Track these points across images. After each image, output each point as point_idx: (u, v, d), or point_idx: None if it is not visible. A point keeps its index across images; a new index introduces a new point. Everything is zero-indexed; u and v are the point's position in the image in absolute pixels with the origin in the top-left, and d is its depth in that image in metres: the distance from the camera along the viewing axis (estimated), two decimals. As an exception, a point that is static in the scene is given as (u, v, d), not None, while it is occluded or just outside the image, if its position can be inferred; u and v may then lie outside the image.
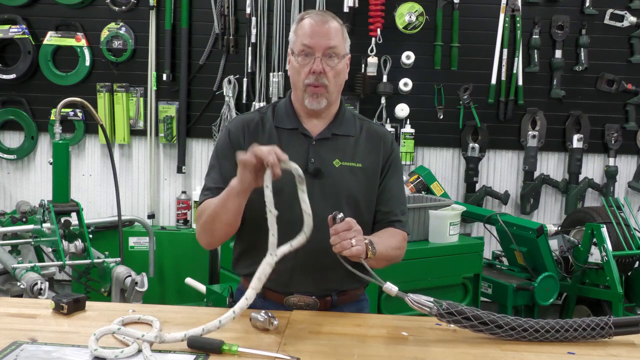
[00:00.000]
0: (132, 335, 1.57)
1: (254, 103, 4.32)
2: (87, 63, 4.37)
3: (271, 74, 4.31)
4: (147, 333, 1.57)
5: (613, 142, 4.32)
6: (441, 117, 4.35)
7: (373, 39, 4.23)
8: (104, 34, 4.33)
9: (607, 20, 4.27)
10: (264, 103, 4.30)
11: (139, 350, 1.53)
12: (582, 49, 4.27)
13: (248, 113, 2.10)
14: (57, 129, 3.27)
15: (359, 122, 2.06)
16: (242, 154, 1.69)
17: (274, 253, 1.66)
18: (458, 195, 4.44)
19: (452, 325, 1.68)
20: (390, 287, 1.67)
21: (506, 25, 4.26)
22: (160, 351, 1.56)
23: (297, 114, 2.00)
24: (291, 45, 1.99)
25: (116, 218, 3.47)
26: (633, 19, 4.24)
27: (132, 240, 4.26)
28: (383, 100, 4.30)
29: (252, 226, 1.96)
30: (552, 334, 1.68)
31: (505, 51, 4.28)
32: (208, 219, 1.89)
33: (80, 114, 4.40)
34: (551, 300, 3.51)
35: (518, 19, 4.25)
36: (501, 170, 4.46)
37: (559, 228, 3.81)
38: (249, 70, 4.32)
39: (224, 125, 4.28)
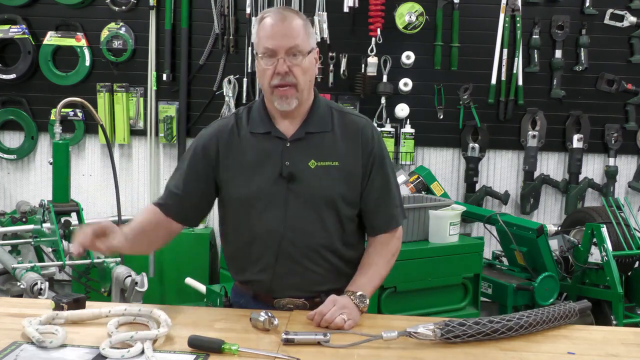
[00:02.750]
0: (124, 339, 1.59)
1: (254, 103, 4.31)
2: (87, 63, 4.36)
3: (271, 74, 4.30)
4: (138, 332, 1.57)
5: (613, 142, 4.32)
6: (441, 117, 4.35)
7: (373, 39, 4.22)
8: (104, 34, 4.33)
9: (607, 20, 4.27)
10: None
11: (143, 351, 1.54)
12: (582, 49, 4.26)
13: (223, 118, 2.04)
14: (57, 129, 3.27)
15: (336, 114, 1.97)
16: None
17: None
18: (458, 195, 4.44)
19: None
20: (390, 335, 1.64)
21: (506, 25, 4.26)
22: (161, 351, 1.56)
23: (271, 116, 1.94)
24: (255, 48, 1.93)
25: (116, 218, 3.47)
26: (633, 19, 4.23)
27: (132, 240, 4.25)
28: (383, 100, 4.29)
29: (235, 236, 1.98)
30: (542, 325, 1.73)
31: (505, 51, 4.28)
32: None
33: (80, 114, 4.40)
34: (551, 300, 3.51)
35: (518, 19, 4.25)
36: (501, 170, 4.46)
37: (559, 228, 3.80)
38: (249, 70, 4.31)
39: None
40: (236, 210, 1.95)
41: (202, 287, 3.76)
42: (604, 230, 3.44)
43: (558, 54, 4.28)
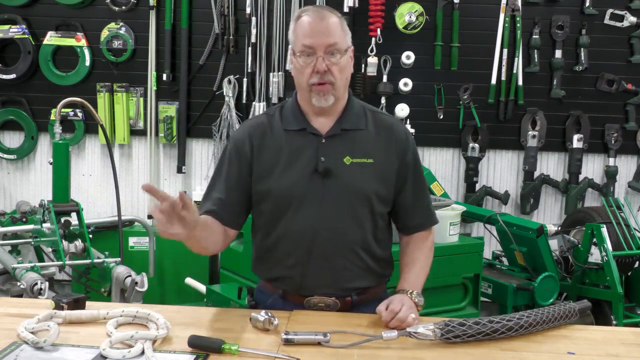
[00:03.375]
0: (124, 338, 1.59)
1: (253, 103, 4.32)
2: (87, 63, 4.36)
3: (271, 74, 4.31)
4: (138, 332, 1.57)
5: (613, 142, 4.32)
6: (441, 117, 4.35)
7: (373, 39, 4.22)
8: (104, 34, 4.33)
9: (607, 20, 4.27)
10: (264, 103, 4.31)
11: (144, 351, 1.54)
12: (582, 49, 4.26)
13: (255, 117, 2.07)
14: (57, 129, 3.27)
15: (369, 113, 2.01)
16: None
17: None
18: (458, 195, 4.44)
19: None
20: (390, 335, 1.64)
21: (506, 25, 4.26)
22: (161, 351, 1.56)
23: (305, 113, 1.97)
24: (292, 45, 1.96)
25: (116, 218, 3.47)
26: (633, 19, 4.23)
27: (132, 240, 4.25)
28: (383, 100, 4.29)
29: (267, 232, 1.97)
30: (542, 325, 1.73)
31: (505, 51, 4.28)
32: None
33: (80, 114, 4.40)
34: (551, 301, 3.51)
35: (518, 19, 4.25)
36: (501, 170, 4.46)
37: (559, 228, 3.80)
38: (249, 70, 4.31)
39: (223, 126, 4.29)
40: (270, 206, 1.94)
41: (202, 287, 3.76)
42: (604, 230, 3.44)
43: (558, 54, 4.28)
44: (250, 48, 4.28)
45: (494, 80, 4.30)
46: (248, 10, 4.24)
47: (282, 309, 1.91)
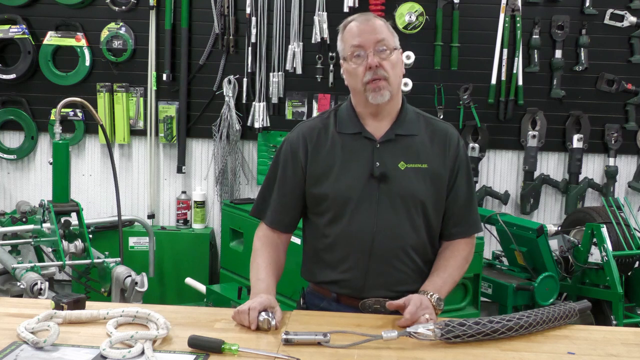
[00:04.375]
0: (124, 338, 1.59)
1: (253, 103, 4.32)
2: (87, 63, 4.36)
3: (271, 74, 4.31)
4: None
5: (613, 142, 4.32)
6: (441, 117, 4.34)
7: (373, 39, 4.22)
8: (104, 34, 4.33)
9: (607, 20, 4.26)
10: (264, 103, 4.31)
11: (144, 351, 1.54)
12: (582, 49, 4.26)
13: (308, 120, 2.08)
14: (57, 129, 3.27)
15: (423, 119, 2.04)
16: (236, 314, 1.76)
17: None
18: (458, 195, 4.43)
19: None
20: (390, 335, 1.64)
21: (506, 25, 4.26)
22: (161, 351, 1.56)
23: (360, 117, 1.97)
24: (341, 54, 1.98)
25: (116, 218, 3.47)
26: (633, 19, 4.23)
27: (132, 240, 4.25)
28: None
29: (318, 237, 1.99)
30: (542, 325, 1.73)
31: (505, 51, 4.27)
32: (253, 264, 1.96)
33: (80, 114, 4.40)
34: (551, 301, 3.51)
35: (518, 19, 4.25)
36: (501, 170, 4.46)
37: (559, 228, 3.80)
38: (249, 70, 4.31)
39: (223, 126, 4.29)
40: (326, 210, 1.95)
41: (202, 287, 3.77)
42: (604, 230, 3.44)
43: (558, 54, 4.28)
44: (250, 48, 4.28)
45: (494, 80, 4.30)
46: (248, 10, 4.24)
47: (335, 311, 1.93)
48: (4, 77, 4.36)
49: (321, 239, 1.98)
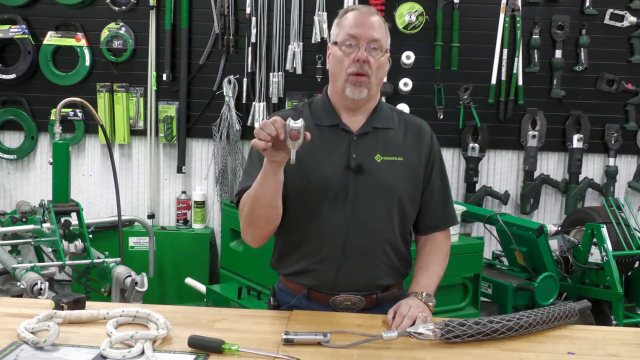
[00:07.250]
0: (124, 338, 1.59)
1: (253, 103, 4.32)
2: (87, 63, 4.36)
3: (271, 74, 4.31)
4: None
5: (613, 142, 4.32)
6: (441, 117, 4.35)
7: (373, 39, 4.22)
8: (104, 34, 4.33)
9: (607, 20, 4.26)
10: (264, 103, 4.31)
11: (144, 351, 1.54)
12: (582, 49, 4.26)
13: (281, 112, 2.06)
14: (57, 129, 3.27)
15: (396, 114, 2.06)
16: (255, 142, 1.69)
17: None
18: (458, 195, 4.44)
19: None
20: (390, 335, 1.64)
21: (506, 25, 4.26)
22: (161, 351, 1.56)
23: (336, 110, 1.99)
24: (333, 38, 1.98)
25: (116, 218, 3.47)
26: (633, 19, 4.23)
27: (132, 240, 4.26)
28: (383, 100, 4.28)
29: (291, 227, 1.96)
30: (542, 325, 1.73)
31: (505, 51, 4.27)
32: (250, 206, 1.86)
33: (80, 114, 4.40)
34: (551, 300, 3.51)
35: (518, 19, 4.25)
36: (501, 170, 4.46)
37: (559, 228, 3.80)
38: (249, 70, 4.31)
39: (223, 126, 4.29)
40: (299, 200, 1.94)
41: (202, 287, 3.77)
42: (604, 230, 3.43)
43: (558, 54, 4.28)
44: (250, 48, 4.28)
45: (494, 80, 4.30)
46: (248, 10, 4.24)
47: (306, 309, 1.91)
48: (4, 77, 4.36)
49: (295, 229, 1.96)
